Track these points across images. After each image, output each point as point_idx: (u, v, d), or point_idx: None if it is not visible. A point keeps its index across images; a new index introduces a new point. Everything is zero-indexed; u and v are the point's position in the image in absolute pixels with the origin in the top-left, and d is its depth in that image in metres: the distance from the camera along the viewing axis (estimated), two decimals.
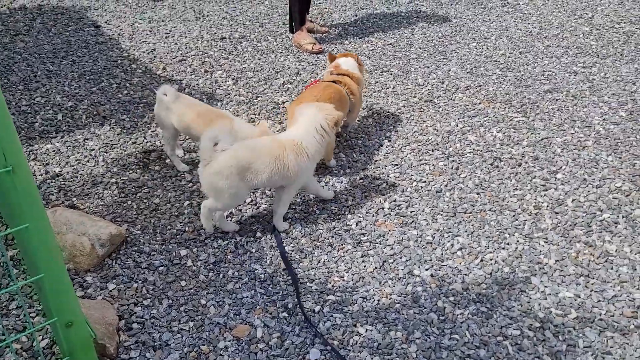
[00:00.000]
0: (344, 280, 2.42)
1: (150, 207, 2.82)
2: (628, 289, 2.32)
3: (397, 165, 3.14)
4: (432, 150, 3.26)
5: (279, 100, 3.81)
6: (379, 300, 2.32)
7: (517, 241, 2.60)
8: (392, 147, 3.30)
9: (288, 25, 4.87)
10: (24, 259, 2.33)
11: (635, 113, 3.52)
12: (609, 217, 2.69)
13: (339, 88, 3.06)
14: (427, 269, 2.47)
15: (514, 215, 2.75)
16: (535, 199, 2.84)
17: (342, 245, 2.61)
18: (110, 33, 4.80)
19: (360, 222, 2.75)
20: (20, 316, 2.17)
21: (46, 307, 1.64)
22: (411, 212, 2.80)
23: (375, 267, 2.48)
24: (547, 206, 2.79)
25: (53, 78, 3.96)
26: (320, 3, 5.57)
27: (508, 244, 2.58)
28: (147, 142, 3.31)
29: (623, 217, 2.69)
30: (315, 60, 4.36)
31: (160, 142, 3.27)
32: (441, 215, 2.77)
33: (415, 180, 3.02)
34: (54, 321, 1.63)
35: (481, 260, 2.50)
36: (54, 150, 3.20)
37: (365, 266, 2.49)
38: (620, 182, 2.91)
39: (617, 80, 3.93)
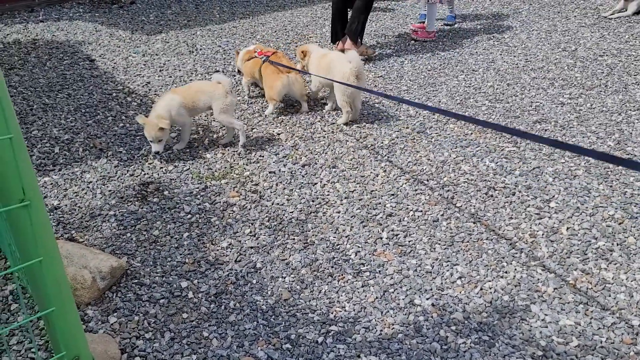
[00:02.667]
0: (345, 310, 2.43)
1: (149, 239, 2.81)
2: (626, 316, 2.36)
3: (393, 195, 3.19)
4: (427, 180, 3.32)
5: (274, 131, 3.86)
6: (381, 330, 2.32)
7: (515, 269, 2.63)
8: (388, 177, 3.35)
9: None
10: (33, 293, 2.31)
11: (622, 142, 3.63)
12: (603, 244, 2.74)
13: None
14: (427, 298, 2.48)
15: (510, 244, 2.80)
16: (531, 228, 2.90)
17: (342, 275, 2.62)
18: (104, 67, 4.85)
19: (359, 252, 2.77)
20: (22, 351, 2.14)
21: (54, 341, 1.62)
22: (409, 241, 2.83)
23: (376, 297, 2.50)
24: (543, 234, 2.85)
25: (49, 111, 3.98)
26: (310, 38, 5.70)
27: (506, 272, 2.62)
28: (144, 174, 3.33)
29: (617, 244, 2.74)
30: (308, 93, 4.44)
31: (158, 175, 3.30)
32: (439, 244, 2.81)
33: (411, 210, 3.06)
34: (62, 356, 1.61)
35: (481, 289, 2.53)
36: (51, 184, 3.20)
37: (366, 296, 2.51)
38: (613, 210, 2.98)
39: (603, 111, 4.06)
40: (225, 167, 3.43)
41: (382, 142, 3.73)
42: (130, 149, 3.59)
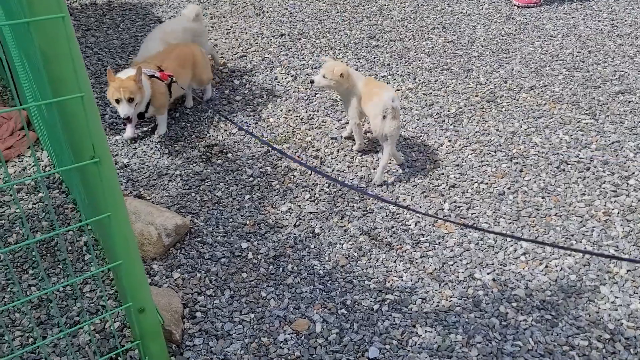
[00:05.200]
0: (402, 280, 2.41)
1: (212, 199, 2.89)
2: None
3: (457, 165, 3.09)
4: (495, 152, 3.18)
5: (337, 97, 3.81)
6: (438, 302, 2.29)
7: (585, 248, 2.50)
8: (453, 147, 3.25)
9: None
10: (103, 246, 2.45)
11: None
12: None
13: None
14: (488, 273, 2.42)
15: (581, 222, 2.65)
16: (605, 205, 2.73)
17: (400, 245, 2.59)
18: None
19: (419, 222, 2.72)
20: (94, 299, 2.28)
21: (121, 292, 1.72)
22: (472, 214, 2.75)
23: (435, 269, 2.46)
24: (618, 213, 2.68)
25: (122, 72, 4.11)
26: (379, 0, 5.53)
27: None
28: (210, 136, 3.40)
29: None
30: (374, 58, 4.34)
31: (222, 137, 3.36)
32: (504, 218, 2.71)
33: (476, 182, 2.96)
34: (129, 306, 1.70)
35: (546, 267, 2.43)
36: (122, 142, 3.34)
37: (424, 267, 2.47)
38: None
39: None
40: (288, 132, 3.44)
41: (448, 111, 3.60)
42: (196, 111, 3.66)
